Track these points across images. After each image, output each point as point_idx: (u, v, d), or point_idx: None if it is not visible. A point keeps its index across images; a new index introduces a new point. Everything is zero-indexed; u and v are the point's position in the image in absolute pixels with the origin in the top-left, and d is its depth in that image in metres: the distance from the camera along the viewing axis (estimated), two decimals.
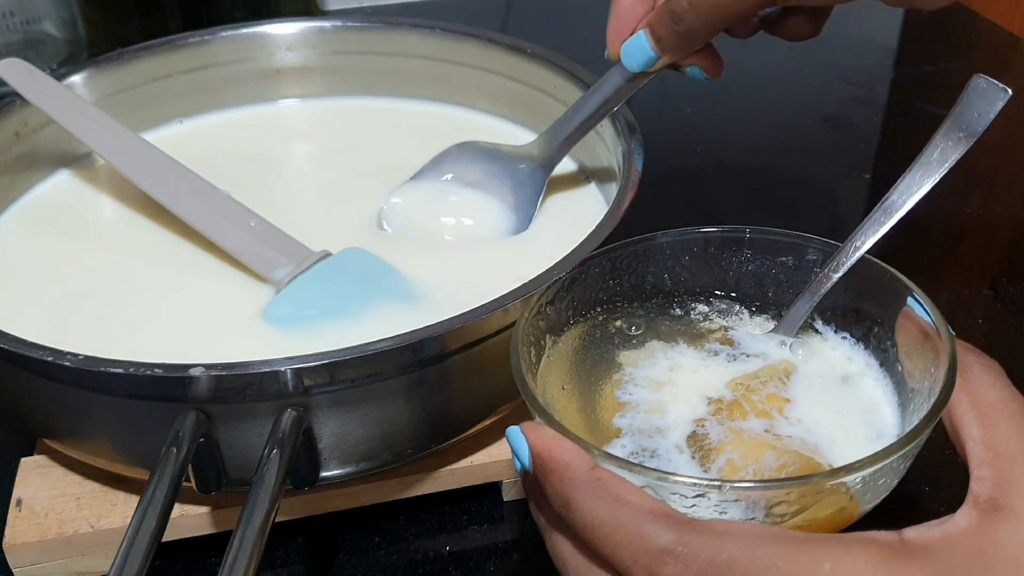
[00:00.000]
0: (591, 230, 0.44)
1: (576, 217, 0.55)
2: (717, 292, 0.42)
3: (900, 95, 0.86)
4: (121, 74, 0.62)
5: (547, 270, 0.41)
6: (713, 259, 0.42)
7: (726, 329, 0.41)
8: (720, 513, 0.31)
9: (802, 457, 0.35)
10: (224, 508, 0.44)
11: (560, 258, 0.42)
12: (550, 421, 0.33)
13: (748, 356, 0.40)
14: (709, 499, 0.31)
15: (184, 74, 0.64)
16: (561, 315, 0.40)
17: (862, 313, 0.39)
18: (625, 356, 0.40)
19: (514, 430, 0.33)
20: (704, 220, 0.43)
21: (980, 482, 0.30)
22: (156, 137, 0.62)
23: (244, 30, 0.65)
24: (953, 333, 0.35)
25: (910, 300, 0.37)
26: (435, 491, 0.47)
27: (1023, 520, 0.29)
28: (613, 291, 0.42)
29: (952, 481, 0.48)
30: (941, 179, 0.37)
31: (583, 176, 0.58)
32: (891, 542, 0.29)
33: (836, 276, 0.38)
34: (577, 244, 0.43)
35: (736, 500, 0.31)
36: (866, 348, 0.39)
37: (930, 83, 0.86)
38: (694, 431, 0.36)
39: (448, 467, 0.46)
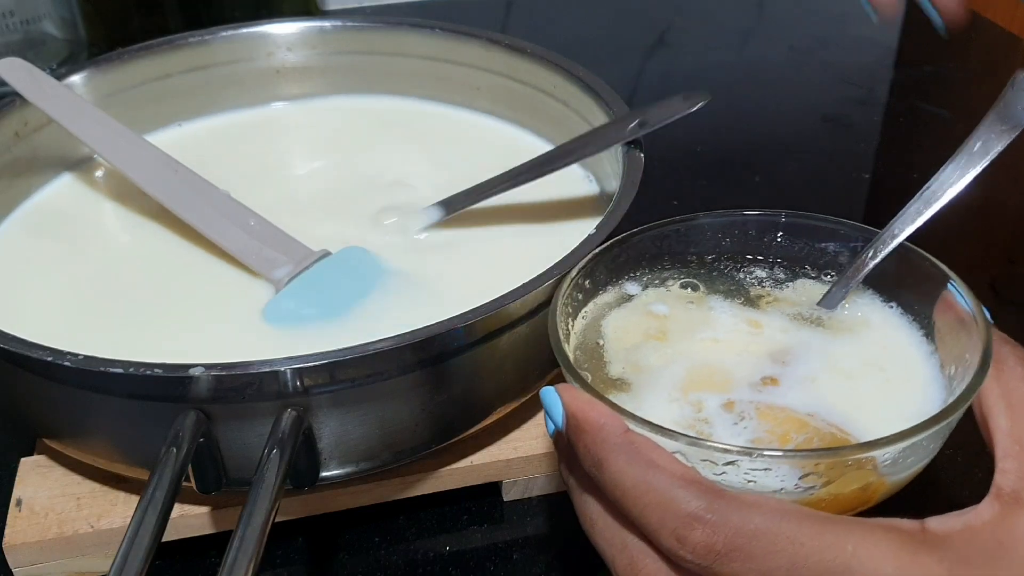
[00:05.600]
0: (592, 230, 0.44)
1: (577, 217, 0.55)
2: (760, 264, 0.43)
3: (900, 95, 0.86)
4: (121, 74, 0.62)
5: (547, 269, 0.41)
6: (753, 240, 0.43)
7: (770, 301, 0.42)
8: (748, 483, 0.32)
9: (833, 435, 0.35)
10: (224, 508, 0.44)
11: (560, 258, 0.42)
12: (584, 385, 0.34)
13: (789, 329, 0.40)
14: (739, 467, 0.31)
15: (184, 74, 0.64)
16: (598, 286, 0.42)
17: (903, 299, 0.40)
18: (664, 322, 0.41)
19: (549, 390, 0.34)
20: None
21: (1004, 474, 0.31)
22: (156, 137, 0.62)
23: (244, 30, 0.65)
24: (991, 322, 0.35)
25: (949, 286, 0.37)
26: (435, 491, 0.47)
27: None
28: (652, 266, 0.43)
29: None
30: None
31: (584, 175, 0.58)
32: (913, 530, 0.29)
33: (873, 263, 0.39)
34: (578, 244, 0.43)
35: (766, 469, 0.31)
36: (918, 331, 0.40)
37: (930, 83, 0.86)
38: (730, 399, 0.37)
39: (448, 467, 0.46)
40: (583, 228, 0.45)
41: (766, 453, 0.31)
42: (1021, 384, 0.33)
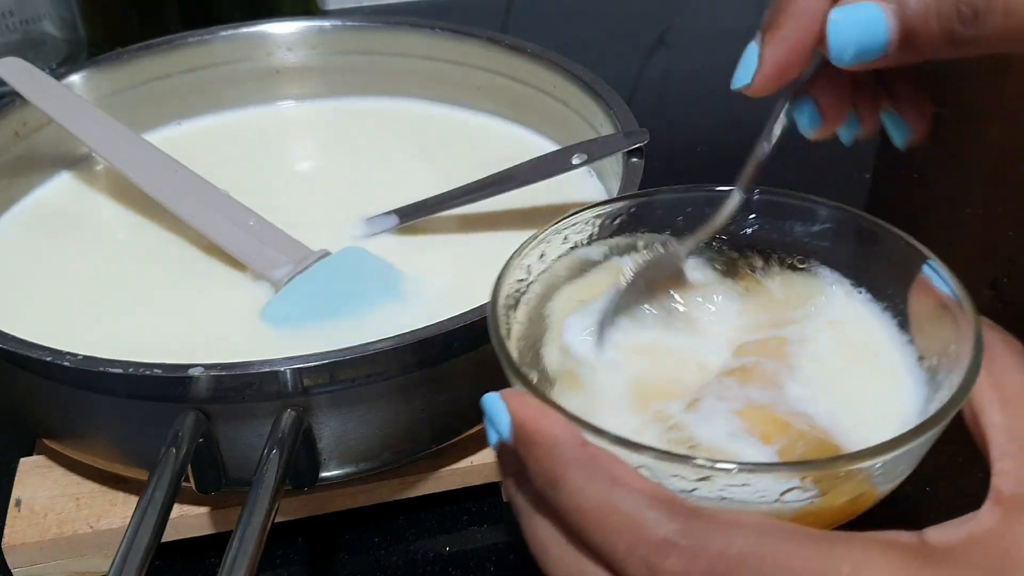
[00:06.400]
0: None
1: None
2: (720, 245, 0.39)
3: None
4: (120, 74, 0.62)
5: None
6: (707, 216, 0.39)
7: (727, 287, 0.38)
8: (722, 500, 0.28)
9: (817, 439, 0.32)
10: (224, 508, 0.44)
11: None
12: (533, 390, 0.29)
13: (749, 318, 0.37)
14: (714, 483, 0.28)
15: (183, 74, 0.64)
16: (548, 272, 0.37)
17: (879, 284, 0.37)
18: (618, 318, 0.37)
19: (492, 396, 0.29)
20: None
21: (1003, 476, 0.28)
22: (155, 136, 0.62)
23: (244, 30, 0.65)
24: (975, 305, 0.32)
25: (926, 269, 0.33)
26: (435, 491, 0.47)
27: None
28: (606, 243, 0.39)
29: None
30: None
31: (586, 171, 0.58)
32: (913, 544, 0.27)
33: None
34: None
35: (744, 485, 0.28)
36: (891, 319, 0.36)
37: (930, 83, 0.86)
38: (696, 398, 0.33)
39: (448, 467, 0.46)
40: None
41: (747, 469, 0.27)
42: (1014, 374, 0.29)
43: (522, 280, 0.36)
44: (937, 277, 0.33)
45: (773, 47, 0.34)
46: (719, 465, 0.27)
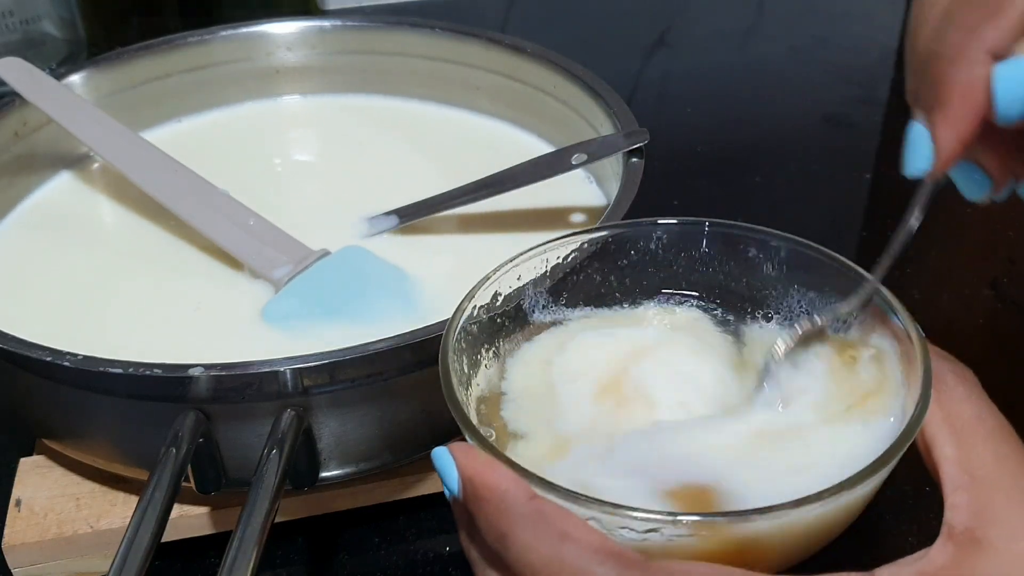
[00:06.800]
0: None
1: (577, 217, 0.55)
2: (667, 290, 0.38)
3: (900, 95, 0.85)
4: (120, 74, 0.62)
5: None
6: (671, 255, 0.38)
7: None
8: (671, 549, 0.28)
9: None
10: (224, 508, 0.44)
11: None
12: (482, 443, 0.29)
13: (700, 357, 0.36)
14: (662, 534, 0.27)
15: (183, 74, 0.64)
16: (505, 319, 0.36)
17: (823, 312, 0.36)
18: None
19: (440, 451, 0.30)
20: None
21: (955, 510, 0.28)
22: (155, 136, 0.62)
23: (243, 29, 0.65)
24: (923, 335, 0.31)
25: (876, 300, 0.33)
26: (435, 491, 0.47)
27: (1002, 553, 0.26)
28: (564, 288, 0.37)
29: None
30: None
31: (585, 175, 0.58)
32: None
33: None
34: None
35: (692, 535, 0.27)
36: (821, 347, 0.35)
37: None
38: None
39: None
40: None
41: (696, 520, 0.27)
42: (964, 406, 0.29)
43: (480, 321, 0.35)
44: (887, 308, 0.33)
45: (947, 129, 0.32)
46: (666, 517, 0.27)
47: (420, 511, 0.48)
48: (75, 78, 0.60)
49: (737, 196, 0.72)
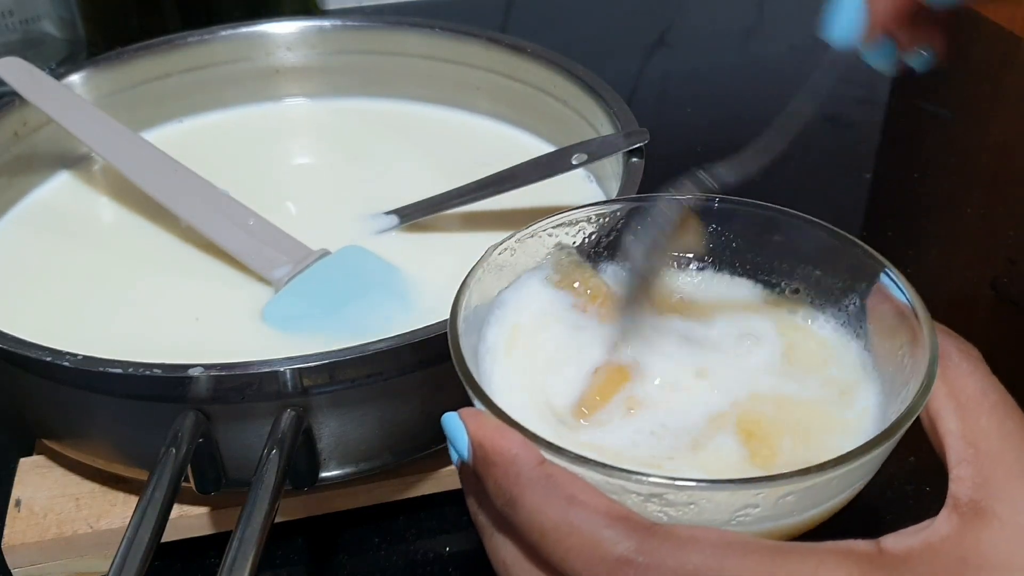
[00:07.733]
0: None
1: None
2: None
3: (900, 95, 0.85)
4: (120, 74, 0.62)
5: None
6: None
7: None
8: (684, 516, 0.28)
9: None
10: (223, 508, 0.44)
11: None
12: (492, 408, 0.29)
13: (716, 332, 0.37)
14: (665, 499, 0.28)
15: (183, 74, 0.64)
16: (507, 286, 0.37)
17: (835, 292, 0.37)
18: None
19: (451, 416, 0.30)
20: None
21: (960, 482, 0.28)
22: (155, 136, 0.62)
23: (243, 29, 0.65)
24: (928, 313, 0.32)
25: (883, 278, 0.34)
26: (435, 491, 0.47)
27: (1007, 525, 0.27)
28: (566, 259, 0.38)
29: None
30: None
31: (585, 175, 0.58)
32: (869, 553, 0.27)
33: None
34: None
35: (700, 502, 0.28)
36: (845, 326, 0.36)
37: (930, 83, 0.86)
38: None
39: (448, 467, 0.46)
40: None
41: (706, 486, 0.27)
42: (969, 380, 0.30)
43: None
44: (894, 286, 0.33)
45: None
46: (676, 483, 0.27)
47: (420, 511, 0.48)
48: (75, 78, 0.60)
49: (736, 196, 0.72)
